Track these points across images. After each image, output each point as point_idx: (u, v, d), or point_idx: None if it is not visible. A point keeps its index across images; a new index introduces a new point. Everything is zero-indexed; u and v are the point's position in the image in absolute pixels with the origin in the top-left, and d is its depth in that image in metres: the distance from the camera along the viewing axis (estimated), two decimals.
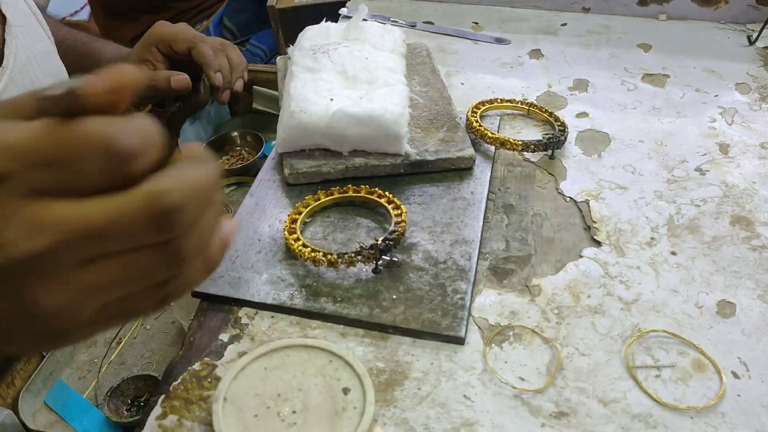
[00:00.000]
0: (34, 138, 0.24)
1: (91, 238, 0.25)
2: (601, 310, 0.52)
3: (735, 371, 0.47)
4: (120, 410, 0.63)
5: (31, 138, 0.24)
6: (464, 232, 0.58)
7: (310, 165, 0.63)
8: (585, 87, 0.81)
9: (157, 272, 0.28)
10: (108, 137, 0.24)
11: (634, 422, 0.44)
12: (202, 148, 0.30)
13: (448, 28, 0.95)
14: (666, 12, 0.96)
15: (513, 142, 0.65)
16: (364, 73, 0.66)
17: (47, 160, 0.24)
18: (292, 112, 0.61)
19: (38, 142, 0.24)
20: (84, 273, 0.26)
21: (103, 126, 0.24)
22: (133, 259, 0.27)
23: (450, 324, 0.50)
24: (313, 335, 0.50)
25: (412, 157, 0.63)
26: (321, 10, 1.06)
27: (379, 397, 0.46)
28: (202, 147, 0.31)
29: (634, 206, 0.62)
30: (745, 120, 0.74)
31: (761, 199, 0.63)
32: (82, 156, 0.24)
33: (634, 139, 0.71)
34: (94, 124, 0.24)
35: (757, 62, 0.85)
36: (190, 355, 0.49)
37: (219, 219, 0.30)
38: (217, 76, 0.77)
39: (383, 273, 0.54)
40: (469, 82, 0.82)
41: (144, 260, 0.27)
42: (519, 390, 0.46)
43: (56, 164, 0.24)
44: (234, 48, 0.83)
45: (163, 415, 0.45)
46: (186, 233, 0.27)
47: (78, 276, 0.26)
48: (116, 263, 0.27)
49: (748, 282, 0.54)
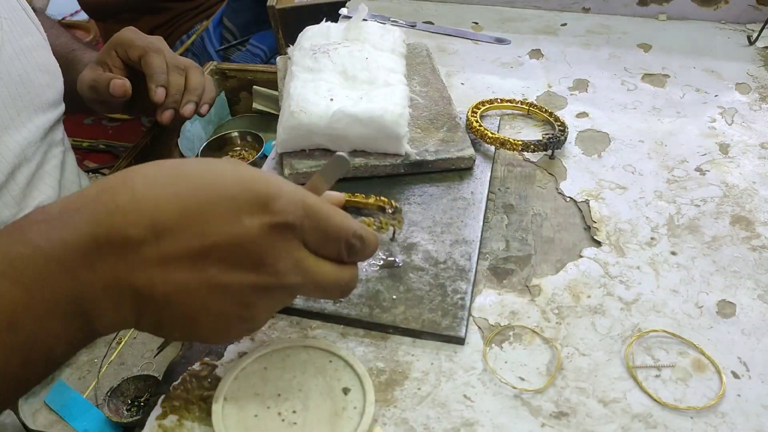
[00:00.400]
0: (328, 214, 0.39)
1: (311, 288, 0.40)
2: (601, 310, 0.52)
3: (735, 371, 0.47)
4: (120, 410, 0.63)
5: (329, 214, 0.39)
6: (464, 232, 0.58)
7: (310, 165, 0.63)
8: (585, 87, 0.81)
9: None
10: (351, 234, 0.40)
11: (634, 422, 0.44)
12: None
13: (448, 28, 0.95)
14: (666, 12, 0.96)
15: (513, 142, 0.65)
16: (364, 73, 0.66)
17: (320, 229, 0.38)
18: (292, 112, 0.61)
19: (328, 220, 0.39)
20: (288, 299, 0.42)
21: (354, 229, 0.40)
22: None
23: (450, 324, 0.50)
24: (313, 335, 0.50)
25: (412, 157, 0.63)
26: (321, 10, 1.06)
27: (379, 397, 0.46)
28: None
29: (634, 206, 0.62)
30: (745, 120, 0.74)
31: (761, 199, 0.63)
32: (337, 238, 0.39)
33: (634, 139, 0.71)
34: (354, 224, 0.40)
35: (757, 62, 0.85)
36: (190, 355, 0.49)
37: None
38: (158, 91, 0.72)
39: (383, 273, 0.54)
40: (469, 82, 0.82)
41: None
42: (519, 390, 0.46)
43: (323, 233, 0.39)
44: (199, 72, 0.78)
45: (163, 415, 0.45)
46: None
47: (284, 301, 0.41)
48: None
49: (748, 282, 0.54)
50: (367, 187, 0.63)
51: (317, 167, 0.62)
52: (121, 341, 0.71)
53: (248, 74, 1.01)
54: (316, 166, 0.62)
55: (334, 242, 0.39)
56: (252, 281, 0.36)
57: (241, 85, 1.02)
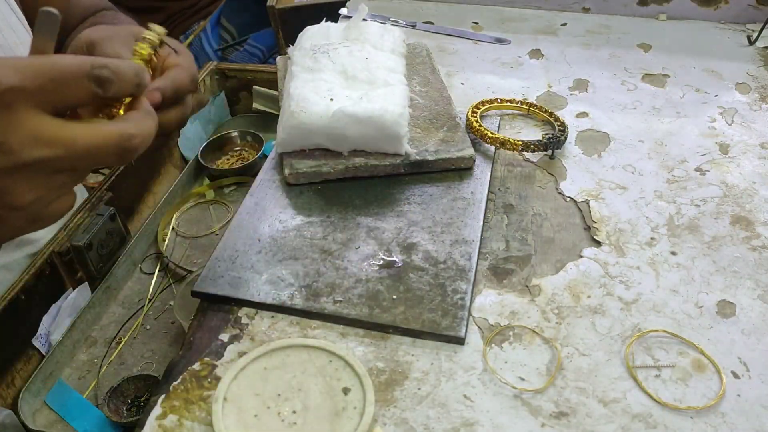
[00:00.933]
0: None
1: (73, 158, 0.35)
2: (601, 310, 0.52)
3: (735, 371, 0.47)
4: (120, 410, 0.63)
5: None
6: (464, 232, 0.58)
7: (310, 165, 0.63)
8: (585, 87, 0.81)
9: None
10: (88, 66, 0.35)
11: (634, 422, 0.44)
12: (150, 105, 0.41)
13: (448, 28, 0.95)
14: (666, 12, 0.96)
15: (513, 142, 0.65)
16: (364, 73, 0.66)
17: (49, 78, 0.34)
18: (292, 112, 0.61)
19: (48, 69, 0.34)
20: (56, 177, 0.36)
21: (91, 60, 0.35)
22: (83, 173, 0.39)
23: (450, 324, 0.50)
24: (313, 335, 0.50)
25: (412, 157, 0.63)
26: (321, 10, 1.06)
27: (379, 397, 0.46)
28: (156, 98, 0.45)
29: (634, 206, 0.62)
30: (745, 120, 0.74)
31: (761, 199, 0.63)
32: (74, 77, 0.34)
33: (634, 139, 0.71)
34: (90, 57, 0.35)
35: (757, 62, 0.85)
36: (190, 355, 0.49)
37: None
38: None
39: (383, 273, 0.54)
40: (469, 82, 0.82)
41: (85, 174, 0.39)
42: (519, 390, 0.46)
43: (55, 81, 0.34)
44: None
45: (163, 415, 0.45)
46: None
47: (52, 179, 0.36)
48: (79, 174, 0.38)
49: (748, 282, 0.54)
50: (367, 187, 0.63)
51: (317, 167, 0.62)
52: (121, 341, 0.71)
53: (248, 74, 1.01)
54: (316, 166, 0.62)
55: (75, 84, 0.35)
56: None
57: (241, 85, 1.01)
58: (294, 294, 0.52)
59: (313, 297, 0.52)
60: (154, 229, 0.83)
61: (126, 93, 0.38)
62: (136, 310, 0.74)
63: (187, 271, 0.77)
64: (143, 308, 0.74)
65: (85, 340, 0.71)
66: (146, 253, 0.81)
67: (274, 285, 0.53)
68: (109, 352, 0.70)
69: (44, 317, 0.68)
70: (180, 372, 0.48)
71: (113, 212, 0.74)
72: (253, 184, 0.64)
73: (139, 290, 0.77)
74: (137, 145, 0.38)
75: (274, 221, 0.59)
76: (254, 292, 0.53)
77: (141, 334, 0.71)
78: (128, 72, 0.37)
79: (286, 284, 0.53)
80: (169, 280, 0.77)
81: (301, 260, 0.55)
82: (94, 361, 0.69)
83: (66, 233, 0.70)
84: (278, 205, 0.61)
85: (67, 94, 0.35)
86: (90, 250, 0.71)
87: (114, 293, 0.75)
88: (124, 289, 0.77)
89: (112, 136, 0.36)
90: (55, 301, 0.70)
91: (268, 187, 0.64)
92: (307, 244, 0.57)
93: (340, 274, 0.54)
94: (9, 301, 0.63)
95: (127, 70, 0.37)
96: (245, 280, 0.54)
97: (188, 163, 0.92)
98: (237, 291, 0.53)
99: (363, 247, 0.56)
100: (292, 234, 0.58)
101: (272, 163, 0.67)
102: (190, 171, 0.91)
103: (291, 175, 0.62)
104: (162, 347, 0.70)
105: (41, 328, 0.68)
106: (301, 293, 0.52)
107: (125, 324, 0.72)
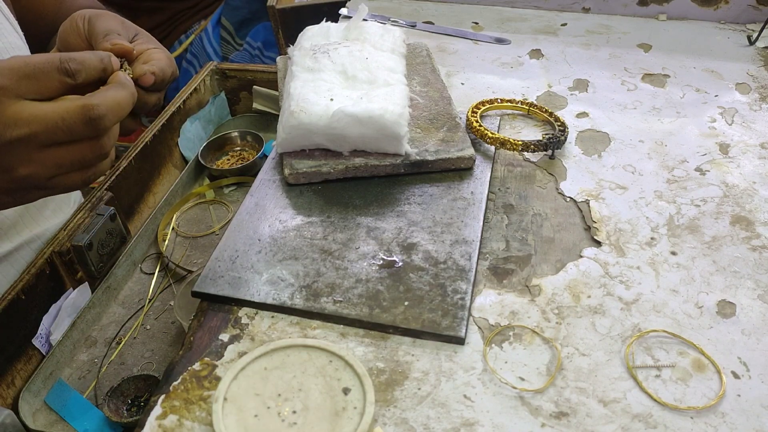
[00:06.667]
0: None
1: (48, 131, 0.42)
2: (601, 310, 0.52)
3: (735, 371, 0.47)
4: (120, 410, 0.63)
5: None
6: (464, 232, 0.58)
7: (310, 165, 0.63)
8: (585, 87, 0.81)
9: (88, 158, 0.46)
10: (57, 60, 0.43)
11: (634, 422, 0.44)
12: (125, 76, 0.49)
13: (448, 28, 0.95)
14: (666, 12, 0.96)
15: (513, 142, 0.65)
16: (364, 73, 0.66)
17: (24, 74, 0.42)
18: (292, 112, 0.61)
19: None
20: (44, 153, 0.44)
21: (60, 55, 0.43)
22: (76, 148, 0.45)
23: (450, 324, 0.50)
24: (313, 335, 0.50)
25: (412, 157, 0.63)
26: (321, 10, 1.06)
27: (379, 397, 0.46)
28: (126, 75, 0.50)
29: (634, 206, 0.62)
30: (745, 120, 0.74)
31: (761, 199, 0.63)
32: (46, 71, 0.43)
33: (634, 139, 0.71)
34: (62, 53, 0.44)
35: (757, 62, 0.85)
36: (190, 355, 0.49)
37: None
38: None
39: (383, 273, 0.54)
40: (469, 82, 0.82)
41: (81, 149, 0.45)
42: (519, 390, 0.46)
43: (30, 77, 0.42)
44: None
45: (163, 415, 0.45)
46: (107, 134, 0.46)
47: (41, 155, 0.43)
48: (65, 149, 0.44)
49: (748, 282, 0.54)
50: (367, 187, 0.63)
51: (317, 167, 0.62)
52: (121, 341, 0.71)
53: (248, 74, 1.01)
54: (316, 166, 0.62)
55: (47, 77, 0.43)
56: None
57: (241, 85, 1.01)
58: (294, 294, 0.52)
59: (313, 297, 0.52)
60: (154, 229, 0.83)
61: (95, 77, 0.45)
62: (136, 310, 0.74)
63: (187, 271, 0.77)
64: (143, 308, 0.74)
65: (85, 340, 0.71)
66: (146, 253, 0.81)
67: (274, 285, 0.53)
68: (109, 352, 0.70)
69: (44, 317, 0.68)
70: (180, 372, 0.48)
71: (113, 212, 0.74)
72: (253, 184, 0.64)
73: (139, 290, 0.77)
74: (102, 113, 0.44)
75: (274, 221, 0.59)
76: (254, 292, 0.53)
77: (141, 334, 0.71)
78: (93, 60, 0.45)
79: (286, 284, 0.53)
80: (169, 280, 0.77)
81: (301, 260, 0.55)
82: (94, 361, 0.69)
83: (66, 233, 0.71)
84: (278, 205, 0.61)
85: (41, 86, 0.43)
86: (90, 250, 0.71)
87: (114, 293, 0.75)
88: (124, 289, 0.77)
89: (75, 107, 0.43)
90: (55, 301, 0.70)
91: (268, 187, 0.64)
92: (307, 244, 0.57)
93: (340, 274, 0.54)
94: (9, 301, 0.63)
95: (92, 58, 0.45)
96: (245, 280, 0.54)
97: (188, 163, 0.92)
98: (237, 291, 0.53)
99: (363, 247, 0.56)
100: (292, 234, 0.58)
101: (272, 163, 0.67)
102: (190, 171, 0.91)
103: (291, 175, 0.62)
104: (162, 347, 0.70)
105: (41, 328, 0.68)
106: (301, 293, 0.52)
107: (125, 324, 0.72)
